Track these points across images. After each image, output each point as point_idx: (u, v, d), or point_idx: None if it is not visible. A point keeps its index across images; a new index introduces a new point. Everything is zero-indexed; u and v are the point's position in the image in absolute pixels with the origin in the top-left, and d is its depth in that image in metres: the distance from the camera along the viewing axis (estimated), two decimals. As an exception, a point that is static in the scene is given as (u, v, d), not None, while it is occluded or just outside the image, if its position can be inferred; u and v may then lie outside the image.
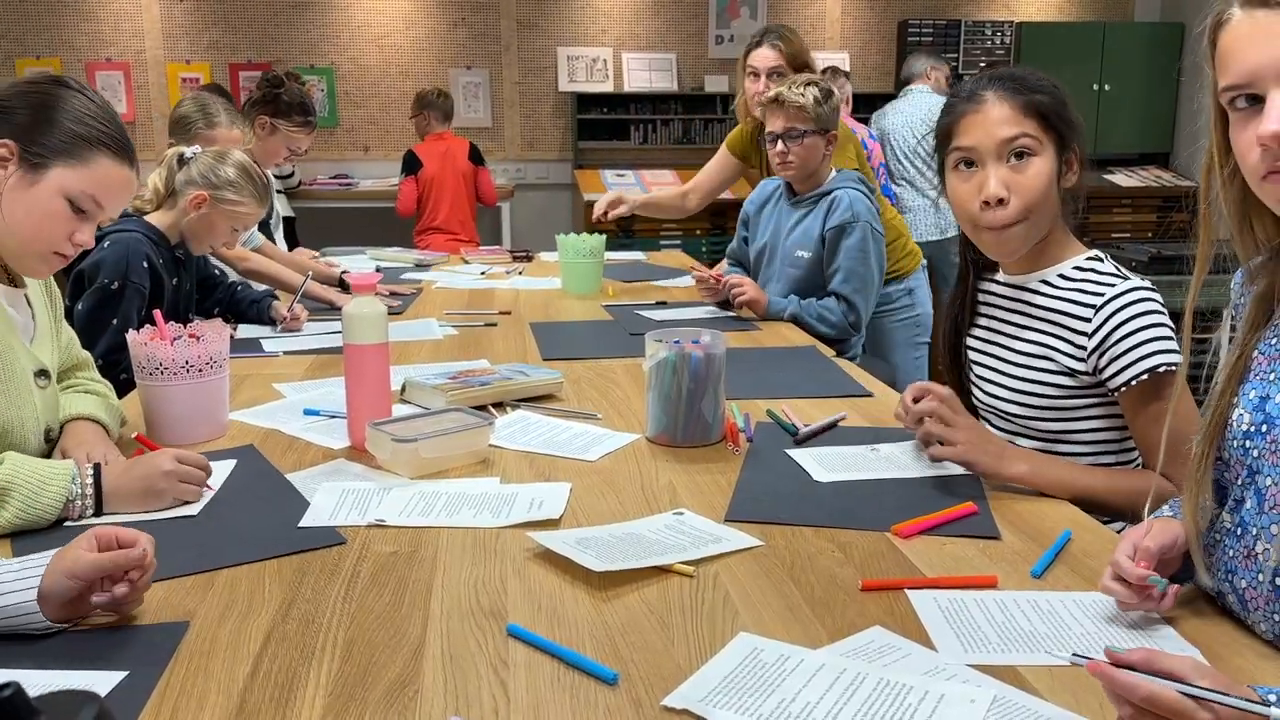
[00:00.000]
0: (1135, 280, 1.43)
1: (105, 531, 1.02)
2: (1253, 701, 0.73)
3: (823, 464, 1.48)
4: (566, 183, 6.64)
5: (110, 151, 1.37)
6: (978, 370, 1.60)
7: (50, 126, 1.33)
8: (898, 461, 1.49)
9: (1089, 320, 1.42)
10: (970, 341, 1.62)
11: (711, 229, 6.11)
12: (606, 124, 6.51)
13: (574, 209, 6.55)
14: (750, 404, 1.78)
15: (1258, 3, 0.93)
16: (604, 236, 3.02)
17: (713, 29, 6.63)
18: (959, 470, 1.44)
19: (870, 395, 1.88)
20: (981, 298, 1.61)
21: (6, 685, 0.47)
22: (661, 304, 2.80)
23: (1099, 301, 1.42)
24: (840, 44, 6.73)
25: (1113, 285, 1.42)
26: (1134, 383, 1.38)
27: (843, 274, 2.54)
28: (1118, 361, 1.39)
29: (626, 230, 5.95)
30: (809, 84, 2.55)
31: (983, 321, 1.60)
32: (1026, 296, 1.52)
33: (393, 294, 2.89)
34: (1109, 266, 1.47)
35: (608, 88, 6.54)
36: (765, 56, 2.96)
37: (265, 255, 2.95)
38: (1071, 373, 1.45)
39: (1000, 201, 1.42)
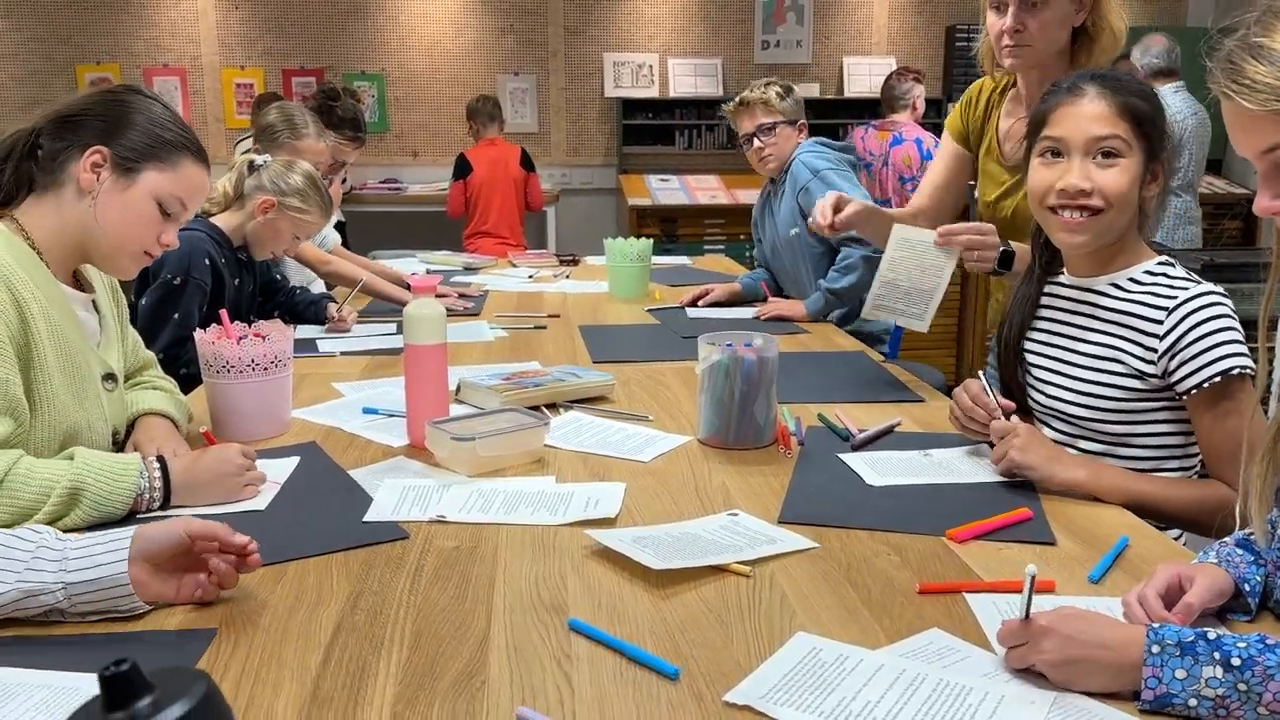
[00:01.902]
0: (1208, 285, 1.43)
1: (197, 524, 1.07)
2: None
3: (875, 468, 1.49)
4: (611, 187, 6.68)
5: (193, 154, 1.43)
6: (1037, 371, 1.59)
7: (134, 132, 1.38)
8: (951, 467, 1.50)
9: (1161, 323, 1.41)
10: (1029, 344, 1.61)
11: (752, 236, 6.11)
12: (651, 129, 6.54)
13: (618, 213, 6.58)
14: (801, 408, 1.79)
15: None
16: (650, 241, 3.05)
17: (758, 34, 6.64)
18: (1014, 476, 1.44)
19: (921, 400, 1.88)
20: (1044, 299, 1.61)
21: (123, 660, 0.50)
22: (694, 304, 2.86)
23: (1172, 304, 1.41)
24: (887, 49, 6.70)
25: (1186, 289, 1.42)
26: (1205, 385, 1.37)
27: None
28: (1190, 364, 1.38)
29: (671, 235, 5.98)
30: (768, 84, 2.85)
31: (1044, 324, 1.60)
32: (1093, 298, 1.51)
33: (462, 296, 2.93)
34: (1180, 271, 1.47)
35: (653, 93, 6.57)
36: None
37: (344, 260, 3.03)
38: (1140, 375, 1.44)
39: (1080, 193, 1.43)
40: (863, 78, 6.64)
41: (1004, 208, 2.05)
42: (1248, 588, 1.03)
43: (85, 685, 0.92)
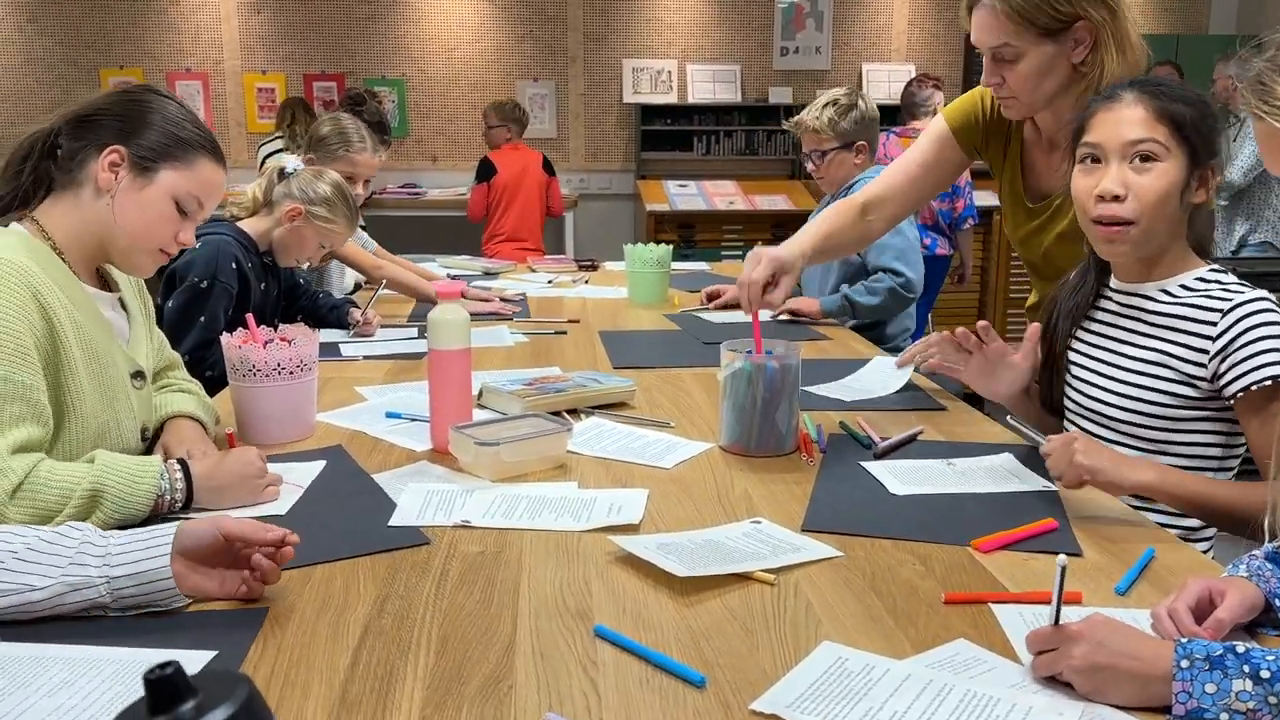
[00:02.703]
0: (1262, 291, 1.42)
1: (231, 524, 1.08)
2: None
3: (898, 477, 1.49)
4: (629, 193, 6.69)
5: (210, 154, 1.44)
6: (1077, 371, 1.58)
7: (151, 131, 1.39)
8: (975, 475, 1.49)
9: (1214, 325, 1.40)
10: (1071, 344, 1.61)
11: (773, 240, 6.11)
12: (669, 135, 6.55)
13: (636, 219, 6.59)
14: (822, 415, 1.79)
15: None
16: (670, 247, 3.06)
17: (777, 41, 6.65)
18: (1037, 486, 1.44)
19: (943, 409, 1.88)
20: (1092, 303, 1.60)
21: (168, 664, 0.51)
22: (707, 306, 2.88)
23: (1225, 307, 1.40)
24: (906, 55, 6.70)
25: (1240, 293, 1.42)
26: (1254, 388, 1.36)
27: (876, 249, 2.65)
28: (1240, 366, 1.37)
29: (688, 241, 5.98)
30: (826, 104, 2.75)
31: (1089, 324, 1.59)
32: (1142, 303, 1.50)
33: (504, 301, 2.93)
34: (1232, 278, 1.46)
35: (672, 99, 6.58)
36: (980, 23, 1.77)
37: (393, 264, 3.05)
38: (1188, 381, 1.43)
39: (1116, 199, 1.42)
40: (882, 84, 6.64)
41: (1034, 245, 1.94)
42: (1279, 603, 1.02)
43: (148, 658, 0.95)
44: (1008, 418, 1.58)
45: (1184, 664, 0.86)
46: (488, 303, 2.85)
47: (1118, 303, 1.55)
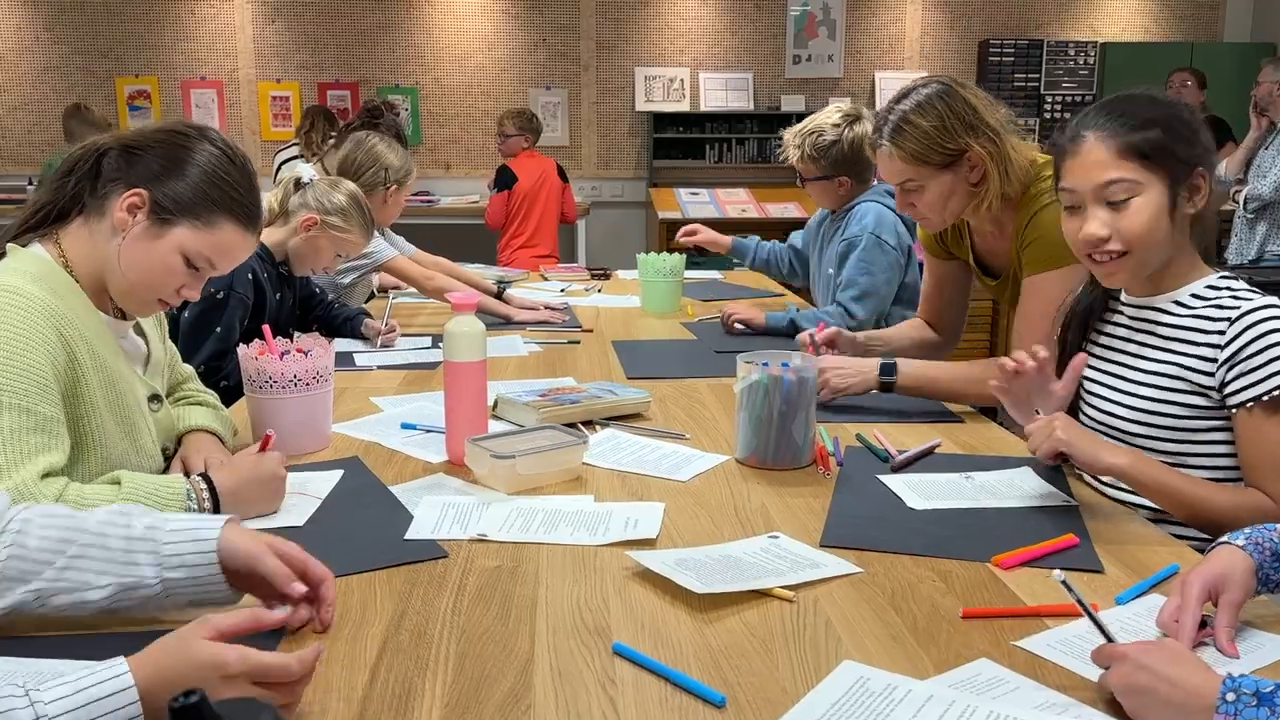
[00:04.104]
0: (1273, 298, 1.40)
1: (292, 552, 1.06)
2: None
3: (916, 491, 1.48)
4: (641, 201, 6.69)
5: (236, 219, 1.37)
6: (1090, 386, 1.57)
7: (182, 182, 1.33)
8: (993, 490, 1.48)
9: (1223, 333, 1.39)
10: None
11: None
12: (681, 143, 6.55)
13: (648, 227, 6.60)
14: (839, 428, 1.78)
15: None
16: (683, 257, 3.05)
17: (789, 49, 6.65)
18: (1058, 501, 1.43)
19: (960, 421, 1.87)
20: (1102, 315, 1.60)
21: (193, 692, 0.50)
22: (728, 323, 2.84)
23: (1234, 314, 1.39)
24: (919, 64, 6.69)
25: (1250, 300, 1.40)
26: (1264, 398, 1.35)
27: (844, 283, 2.67)
28: (1247, 376, 1.36)
29: (701, 248, 5.97)
30: (810, 132, 2.71)
31: (1101, 339, 1.58)
32: (1154, 316, 1.49)
33: (549, 309, 2.91)
34: (1243, 285, 1.44)
35: (684, 107, 6.58)
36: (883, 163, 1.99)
37: (443, 274, 3.03)
38: (1202, 392, 1.42)
39: (1101, 241, 1.42)
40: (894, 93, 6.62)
41: (1005, 301, 2.07)
42: (1262, 573, 1.06)
43: None
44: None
45: (1229, 697, 0.84)
46: (534, 310, 2.85)
47: (1130, 316, 1.54)
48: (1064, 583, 0.95)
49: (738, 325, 2.65)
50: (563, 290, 3.51)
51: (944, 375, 1.90)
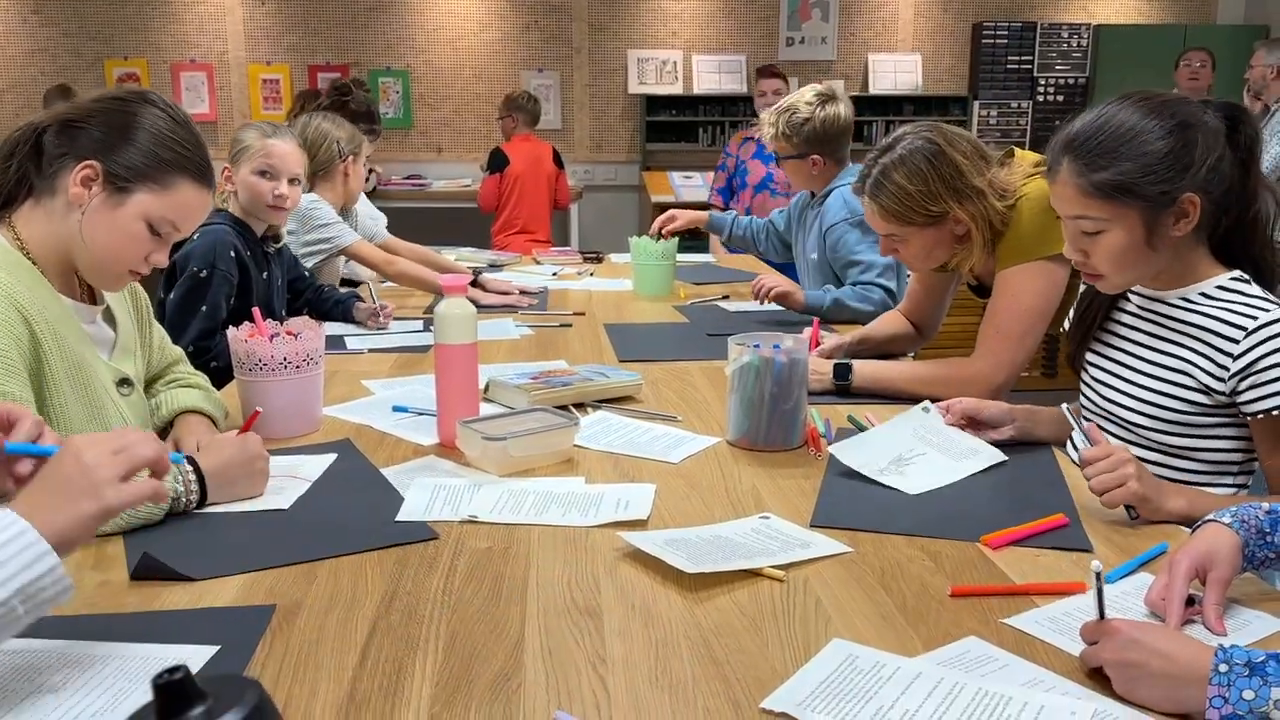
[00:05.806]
0: None
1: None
2: None
3: (905, 474, 1.48)
4: (634, 184, 6.68)
5: (192, 177, 1.36)
6: (1094, 373, 1.58)
7: (132, 148, 1.32)
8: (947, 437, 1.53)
9: (1237, 342, 1.37)
10: (1090, 345, 1.60)
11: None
12: (675, 126, 6.53)
13: (641, 210, 6.58)
14: (830, 409, 1.78)
15: None
16: (676, 240, 3.04)
17: (783, 31, 6.62)
18: (1043, 479, 1.43)
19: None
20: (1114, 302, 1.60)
21: (177, 669, 0.50)
22: (726, 297, 2.88)
23: (1251, 325, 1.36)
24: (912, 46, 6.67)
25: (1266, 310, 1.38)
26: (1276, 412, 1.35)
27: (863, 267, 2.63)
28: (1262, 388, 1.35)
29: (694, 232, 5.96)
30: (785, 110, 2.73)
31: (1109, 326, 1.58)
32: (1163, 309, 1.48)
33: (523, 293, 2.91)
34: (1256, 290, 1.42)
35: (677, 90, 6.56)
36: (869, 215, 2.01)
37: (408, 259, 3.01)
38: (1207, 390, 1.41)
39: (1080, 263, 1.44)
40: (888, 75, 6.61)
41: None
42: (1248, 550, 1.07)
43: (150, 654, 0.96)
44: (1063, 406, 1.57)
45: (1222, 668, 0.85)
46: (508, 295, 2.84)
47: (1138, 305, 1.53)
48: (1098, 574, 0.93)
49: (771, 302, 2.53)
50: (554, 274, 3.50)
51: (898, 376, 1.91)
